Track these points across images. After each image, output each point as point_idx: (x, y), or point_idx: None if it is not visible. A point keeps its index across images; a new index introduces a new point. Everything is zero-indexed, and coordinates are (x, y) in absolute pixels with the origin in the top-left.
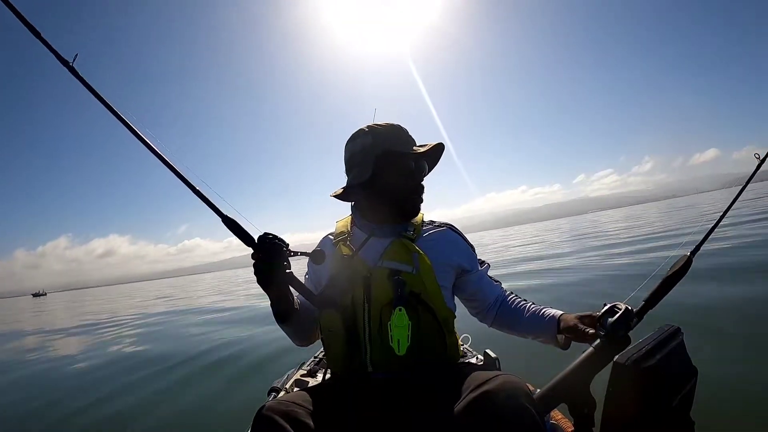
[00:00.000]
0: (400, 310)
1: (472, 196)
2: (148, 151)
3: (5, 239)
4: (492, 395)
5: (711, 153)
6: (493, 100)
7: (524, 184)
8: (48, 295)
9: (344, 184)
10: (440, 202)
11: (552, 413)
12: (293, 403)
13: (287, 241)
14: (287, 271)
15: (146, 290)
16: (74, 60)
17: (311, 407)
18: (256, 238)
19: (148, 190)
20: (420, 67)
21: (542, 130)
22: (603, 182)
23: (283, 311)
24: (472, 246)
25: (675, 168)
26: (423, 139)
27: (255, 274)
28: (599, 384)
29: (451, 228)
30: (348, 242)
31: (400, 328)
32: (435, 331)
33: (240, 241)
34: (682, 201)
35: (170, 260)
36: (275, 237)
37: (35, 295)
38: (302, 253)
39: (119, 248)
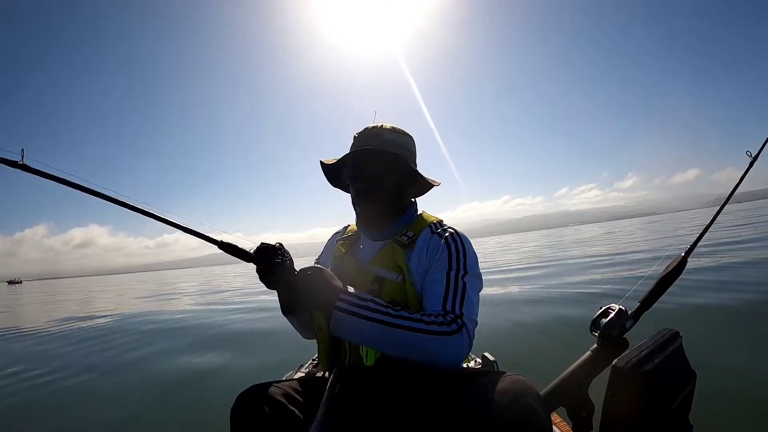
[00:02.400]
0: None
1: (459, 203)
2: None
3: None
4: (500, 395)
5: (692, 173)
6: (478, 107)
7: (507, 194)
8: (24, 283)
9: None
10: (422, 208)
11: (551, 416)
12: (273, 386)
13: (283, 245)
14: (289, 267)
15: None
16: (23, 157)
17: (291, 390)
18: (252, 250)
19: (134, 181)
20: (413, 69)
21: (531, 142)
22: (584, 196)
23: (287, 305)
24: (456, 252)
25: (655, 186)
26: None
27: (260, 279)
28: (598, 387)
29: (440, 234)
30: (346, 242)
31: None
32: None
33: (241, 259)
34: (659, 218)
35: (148, 254)
36: (270, 247)
37: (11, 282)
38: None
39: (98, 239)
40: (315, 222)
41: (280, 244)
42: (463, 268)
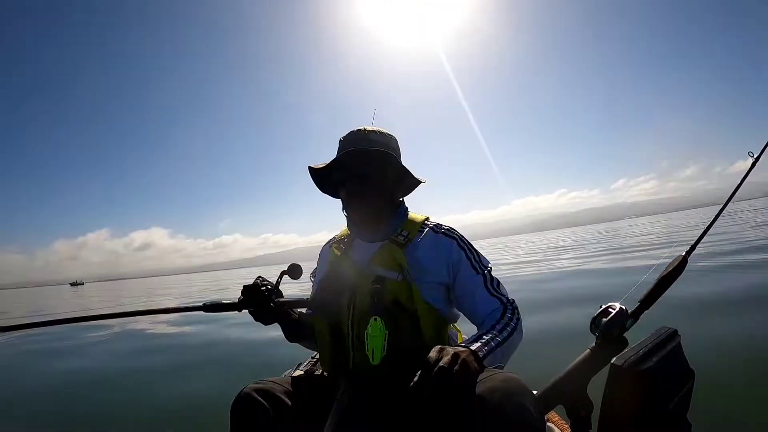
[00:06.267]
0: (375, 319)
1: (507, 198)
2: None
3: (46, 229)
4: (491, 393)
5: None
6: (532, 100)
7: (564, 188)
8: (85, 284)
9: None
10: (476, 204)
11: (549, 415)
12: (273, 383)
13: (270, 282)
14: (278, 300)
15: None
16: None
17: (291, 388)
18: (242, 289)
19: (195, 183)
20: (453, 64)
21: (588, 132)
22: (642, 188)
23: (288, 333)
24: (472, 254)
25: (715, 174)
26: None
27: (255, 320)
28: (597, 386)
29: (447, 234)
30: (341, 246)
31: (375, 338)
32: (418, 340)
33: (231, 311)
34: (714, 210)
35: (206, 255)
36: (255, 288)
37: (73, 284)
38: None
39: (158, 241)
40: (321, 225)
41: (260, 278)
42: (484, 265)
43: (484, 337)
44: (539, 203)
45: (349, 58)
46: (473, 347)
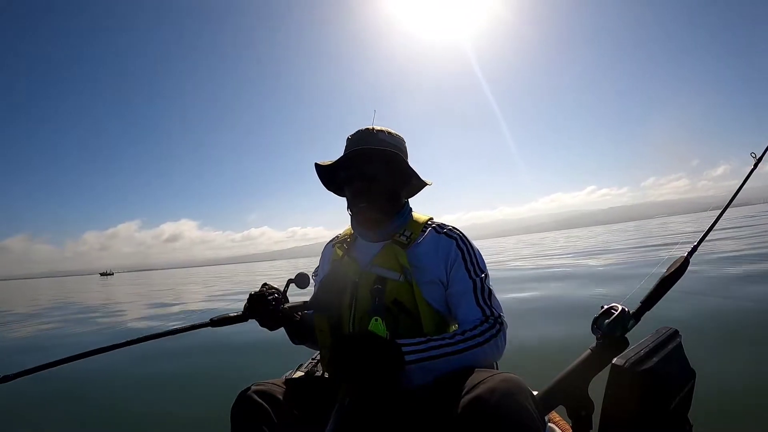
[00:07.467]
0: (376, 320)
1: (533, 196)
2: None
3: (77, 221)
4: (490, 393)
5: None
6: (561, 96)
7: (594, 185)
8: (115, 275)
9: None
10: (503, 200)
11: (550, 415)
12: (274, 384)
13: (278, 290)
14: (284, 306)
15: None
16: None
17: (292, 389)
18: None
19: (225, 176)
20: (480, 57)
21: (618, 129)
22: (673, 186)
23: (293, 335)
24: (469, 256)
25: (746, 174)
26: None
27: (261, 326)
28: (598, 386)
29: (449, 234)
30: (344, 245)
31: None
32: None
33: (238, 322)
34: (739, 211)
35: (233, 247)
36: (262, 297)
37: (103, 274)
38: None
39: (186, 233)
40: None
41: (266, 286)
42: (480, 270)
43: (432, 342)
44: (568, 200)
45: (375, 51)
46: (404, 341)
